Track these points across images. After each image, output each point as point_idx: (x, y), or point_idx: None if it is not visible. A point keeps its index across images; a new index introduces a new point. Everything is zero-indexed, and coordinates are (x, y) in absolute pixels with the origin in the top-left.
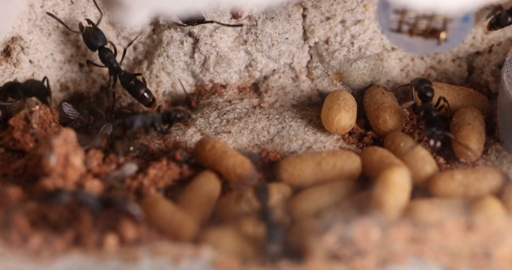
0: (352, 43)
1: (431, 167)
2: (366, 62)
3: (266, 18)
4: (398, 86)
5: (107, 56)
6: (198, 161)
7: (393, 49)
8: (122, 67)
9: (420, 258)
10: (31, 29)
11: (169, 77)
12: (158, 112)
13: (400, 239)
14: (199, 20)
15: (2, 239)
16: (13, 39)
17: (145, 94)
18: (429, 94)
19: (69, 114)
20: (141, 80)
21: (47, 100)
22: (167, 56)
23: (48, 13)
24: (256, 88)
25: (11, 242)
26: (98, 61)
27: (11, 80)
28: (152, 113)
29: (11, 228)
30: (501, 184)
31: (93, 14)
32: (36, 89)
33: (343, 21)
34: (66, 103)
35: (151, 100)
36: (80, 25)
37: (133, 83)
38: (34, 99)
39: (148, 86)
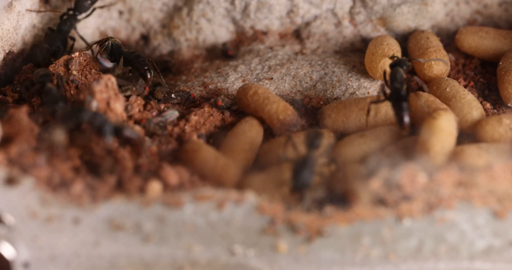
0: None
1: (478, 112)
2: (410, 7)
3: None
4: None
5: None
6: (240, 107)
7: None
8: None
9: (468, 203)
10: None
11: (209, 24)
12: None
13: (447, 184)
14: None
15: (45, 184)
16: None
17: None
18: None
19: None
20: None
21: None
22: (207, 2)
23: None
24: (297, 34)
25: (54, 188)
26: None
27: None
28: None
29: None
30: None
31: None
32: None
33: None
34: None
35: None
36: None
37: None
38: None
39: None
